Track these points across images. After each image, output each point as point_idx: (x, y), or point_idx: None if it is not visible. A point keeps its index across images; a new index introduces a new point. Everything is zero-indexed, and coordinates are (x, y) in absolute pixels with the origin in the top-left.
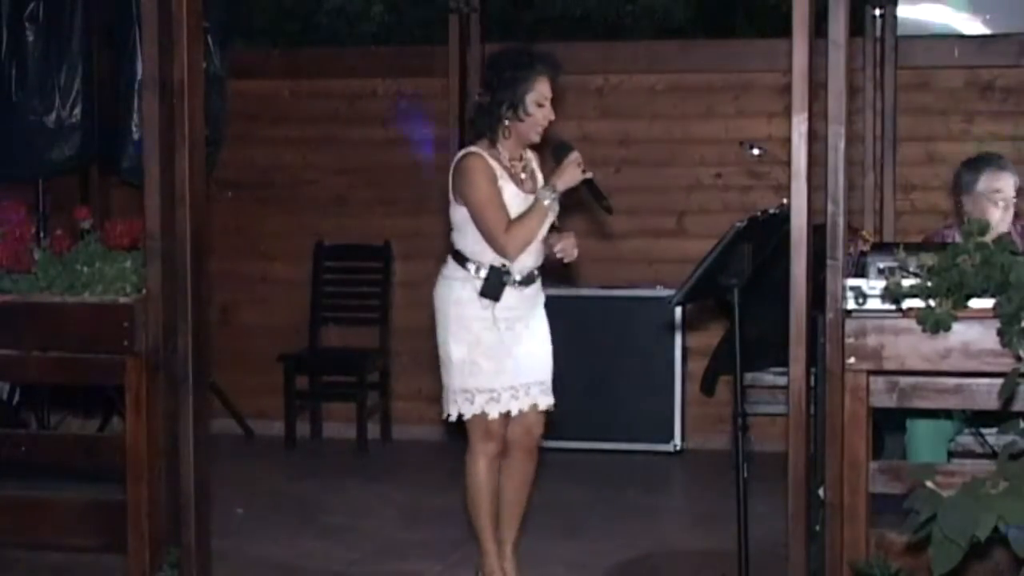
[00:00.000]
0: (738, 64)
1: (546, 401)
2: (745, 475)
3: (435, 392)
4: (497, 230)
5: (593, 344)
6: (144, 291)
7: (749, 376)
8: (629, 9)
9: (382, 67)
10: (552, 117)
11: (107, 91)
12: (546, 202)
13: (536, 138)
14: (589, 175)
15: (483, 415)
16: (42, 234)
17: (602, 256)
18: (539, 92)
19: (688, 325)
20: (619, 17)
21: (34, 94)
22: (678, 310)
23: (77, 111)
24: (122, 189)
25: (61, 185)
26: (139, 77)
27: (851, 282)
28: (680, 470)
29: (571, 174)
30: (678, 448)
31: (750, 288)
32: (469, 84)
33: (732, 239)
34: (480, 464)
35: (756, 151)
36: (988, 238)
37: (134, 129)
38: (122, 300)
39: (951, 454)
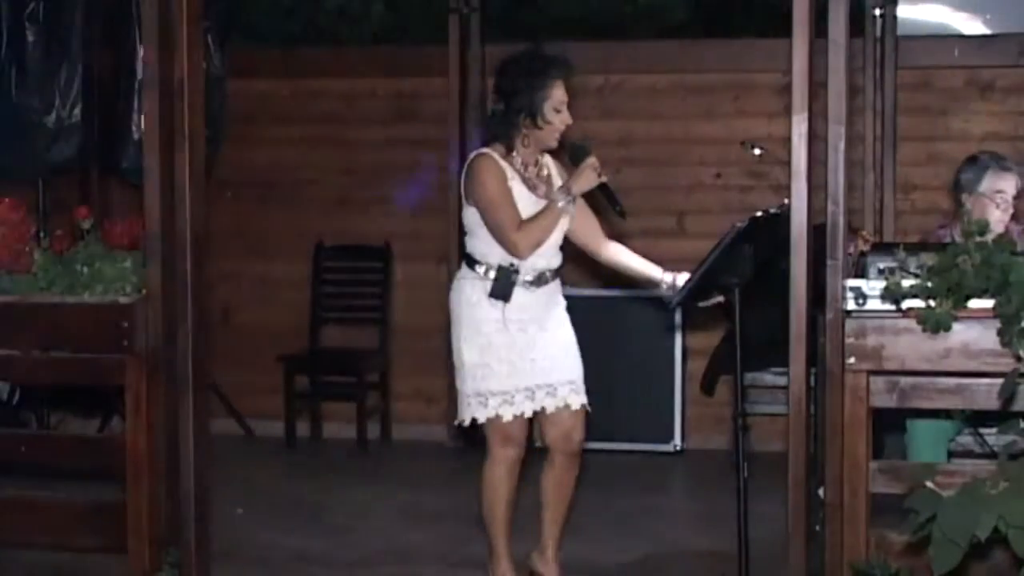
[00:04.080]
0: (738, 64)
1: (576, 400)
2: (745, 475)
3: (435, 392)
4: (508, 228)
5: (593, 344)
6: (144, 291)
7: (749, 376)
8: (629, 9)
9: (382, 67)
10: (570, 121)
11: (107, 91)
12: (560, 204)
13: (554, 144)
14: (604, 180)
15: (497, 418)
16: (42, 234)
17: None
18: (556, 98)
19: (688, 325)
20: (619, 17)
21: (34, 94)
22: (678, 310)
23: (77, 111)
24: (122, 189)
25: (61, 185)
26: (139, 77)
27: (851, 282)
28: (680, 470)
29: (587, 178)
30: (678, 448)
31: (750, 288)
32: (469, 84)
33: (733, 239)
34: (498, 470)
35: (757, 151)
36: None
37: (134, 129)
38: (122, 300)
39: (951, 454)
